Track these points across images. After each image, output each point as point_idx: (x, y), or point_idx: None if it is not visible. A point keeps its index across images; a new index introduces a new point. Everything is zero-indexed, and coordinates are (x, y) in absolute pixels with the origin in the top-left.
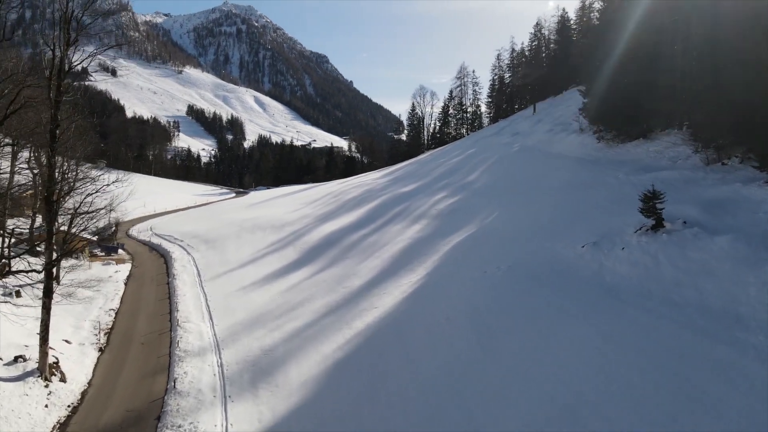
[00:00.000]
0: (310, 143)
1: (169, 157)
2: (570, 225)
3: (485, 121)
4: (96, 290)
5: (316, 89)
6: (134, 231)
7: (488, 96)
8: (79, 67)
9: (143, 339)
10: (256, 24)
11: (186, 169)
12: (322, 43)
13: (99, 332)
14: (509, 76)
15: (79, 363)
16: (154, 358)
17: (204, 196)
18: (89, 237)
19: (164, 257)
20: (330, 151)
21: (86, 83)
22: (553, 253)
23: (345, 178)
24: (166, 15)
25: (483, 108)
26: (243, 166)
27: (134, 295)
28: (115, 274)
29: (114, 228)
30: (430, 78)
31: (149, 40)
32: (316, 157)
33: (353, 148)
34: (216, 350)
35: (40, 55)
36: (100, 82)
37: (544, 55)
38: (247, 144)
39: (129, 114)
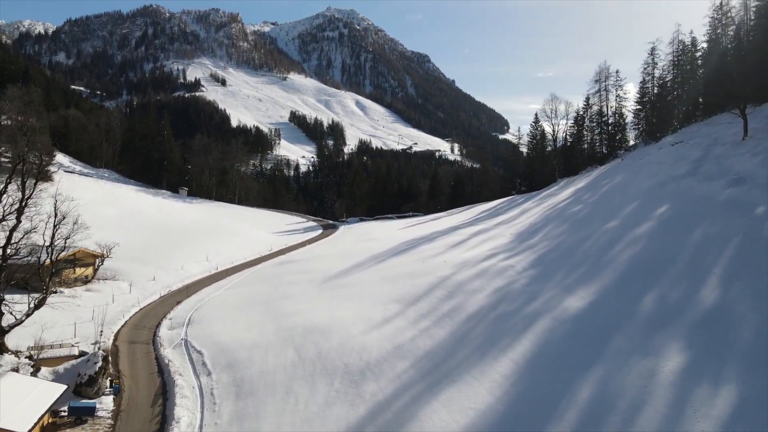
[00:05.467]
0: (410, 147)
1: (268, 167)
2: None
3: (629, 134)
4: None
5: (417, 90)
6: (165, 327)
7: (637, 103)
8: (192, 79)
9: None
10: (358, 27)
11: (274, 191)
12: (423, 41)
13: None
14: (671, 78)
15: None
16: None
17: (285, 236)
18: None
19: None
20: (434, 173)
21: (197, 94)
22: None
23: (452, 208)
24: (273, 23)
25: (629, 118)
26: (341, 176)
27: None
28: None
29: (100, 362)
30: (536, 72)
31: (257, 48)
32: (417, 178)
33: (455, 150)
34: None
35: (160, 69)
36: (210, 92)
37: (731, 45)
38: (347, 149)
39: (234, 123)
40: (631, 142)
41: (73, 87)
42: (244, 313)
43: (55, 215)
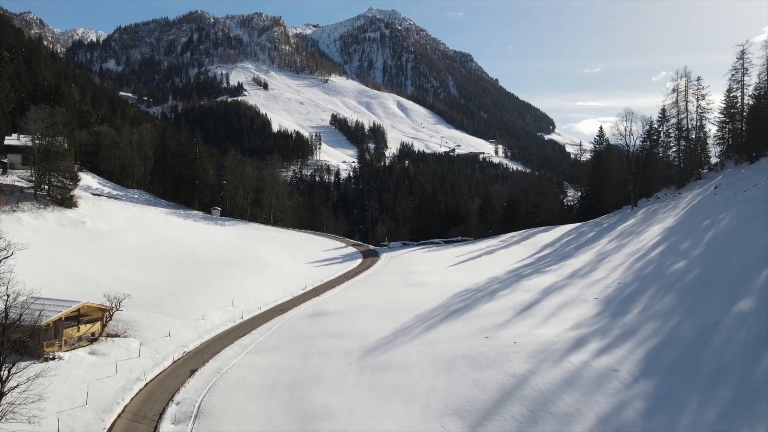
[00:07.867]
0: (453, 149)
1: (309, 173)
2: None
3: (711, 150)
4: None
5: (459, 90)
6: (169, 419)
7: (722, 113)
8: (234, 83)
9: None
10: (399, 27)
11: (312, 209)
12: (465, 40)
13: None
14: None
15: None
16: None
17: (322, 266)
18: None
19: None
20: (485, 193)
21: (239, 98)
22: None
23: (505, 233)
24: (314, 26)
25: (712, 131)
26: (382, 182)
27: None
28: None
29: None
30: (582, 68)
31: (298, 52)
32: (464, 199)
33: (500, 152)
34: None
35: (204, 74)
36: (252, 96)
37: None
38: (388, 152)
39: (275, 127)
40: (713, 159)
41: (120, 93)
42: (263, 405)
43: (6, 316)
